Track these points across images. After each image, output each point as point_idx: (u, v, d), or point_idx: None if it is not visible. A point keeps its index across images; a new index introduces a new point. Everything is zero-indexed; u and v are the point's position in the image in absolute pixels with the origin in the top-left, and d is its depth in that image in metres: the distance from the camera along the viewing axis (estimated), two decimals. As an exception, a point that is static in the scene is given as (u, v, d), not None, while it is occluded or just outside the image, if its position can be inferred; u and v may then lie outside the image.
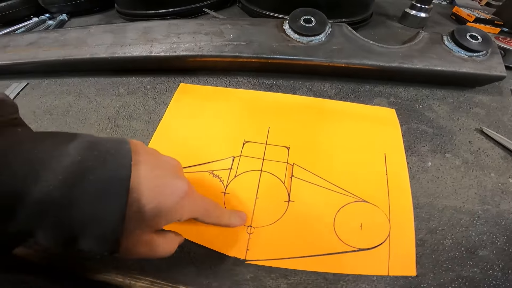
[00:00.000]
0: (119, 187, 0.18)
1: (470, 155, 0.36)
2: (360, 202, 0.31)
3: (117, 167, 0.18)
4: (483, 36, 0.42)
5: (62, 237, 0.17)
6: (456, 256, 0.28)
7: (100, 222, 0.17)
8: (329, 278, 0.27)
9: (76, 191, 0.17)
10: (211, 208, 0.25)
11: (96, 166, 0.18)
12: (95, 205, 0.17)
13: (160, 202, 0.20)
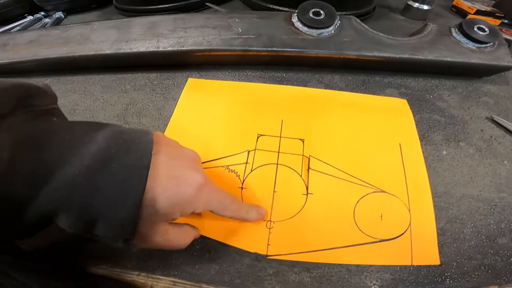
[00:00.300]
0: (139, 175, 0.19)
1: (483, 143, 0.36)
2: (379, 192, 0.31)
3: (139, 156, 0.19)
4: (490, 28, 0.42)
5: (82, 220, 0.18)
6: (477, 244, 0.28)
7: (119, 208, 0.18)
8: (352, 269, 0.27)
9: (99, 177, 0.18)
10: (227, 201, 0.25)
11: (120, 154, 0.19)
12: (115, 191, 0.18)
13: (176, 192, 0.20)
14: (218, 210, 0.25)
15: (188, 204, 0.21)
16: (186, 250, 0.27)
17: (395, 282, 0.26)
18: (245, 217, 0.28)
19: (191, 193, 0.21)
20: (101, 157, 0.18)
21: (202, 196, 0.22)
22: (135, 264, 0.27)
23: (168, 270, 0.26)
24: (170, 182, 0.20)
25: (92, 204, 0.18)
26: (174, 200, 0.20)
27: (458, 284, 0.26)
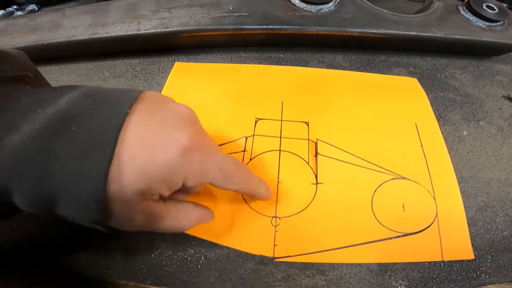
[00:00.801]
0: (104, 139, 0.15)
1: (503, 122, 0.33)
2: (399, 179, 0.27)
3: (108, 116, 0.15)
4: (499, 7, 0.40)
5: (38, 198, 0.15)
6: (511, 235, 0.25)
7: (80, 181, 0.14)
8: (373, 269, 0.23)
9: (54, 143, 0.14)
10: (232, 169, 0.20)
11: (84, 116, 0.15)
12: (74, 161, 0.14)
13: (149, 159, 0.16)
14: (219, 181, 0.20)
15: (170, 174, 0.17)
16: (179, 256, 0.23)
17: (424, 280, 0.23)
18: (255, 191, 0.23)
19: (171, 160, 0.16)
20: (58, 119, 0.14)
21: (191, 163, 0.17)
22: (121, 272, 0.23)
23: (160, 278, 0.23)
24: (141, 147, 0.15)
25: (47, 177, 0.14)
26: (145, 171, 0.16)
27: (494, 279, 0.23)
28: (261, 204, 0.25)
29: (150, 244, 0.24)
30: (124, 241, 0.24)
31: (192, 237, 0.24)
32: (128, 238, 0.24)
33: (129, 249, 0.23)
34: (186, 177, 0.17)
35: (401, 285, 0.23)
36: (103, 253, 0.23)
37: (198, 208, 0.21)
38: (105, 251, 0.23)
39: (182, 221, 0.20)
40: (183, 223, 0.20)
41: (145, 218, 0.17)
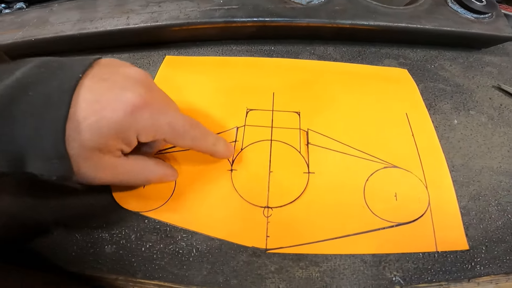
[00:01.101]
0: (58, 102, 0.16)
1: (493, 111, 0.33)
2: (390, 167, 0.27)
3: (62, 81, 0.17)
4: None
5: (8, 157, 0.16)
6: (504, 224, 0.25)
7: (41, 138, 0.16)
8: (367, 260, 0.23)
9: (14, 106, 0.16)
10: (184, 126, 0.21)
11: (39, 83, 0.16)
12: (35, 121, 0.16)
13: (99, 119, 0.17)
14: (171, 137, 0.21)
15: (121, 131, 0.18)
16: (170, 249, 0.23)
17: (418, 271, 0.23)
18: (212, 149, 0.23)
19: (119, 118, 0.17)
20: (15, 87, 0.16)
21: (141, 120, 0.18)
22: (111, 266, 0.22)
23: (151, 272, 0.22)
24: (90, 108, 0.17)
25: (13, 137, 0.16)
26: (97, 129, 0.17)
27: (490, 270, 0.23)
28: (252, 194, 0.25)
29: (140, 237, 0.23)
30: (113, 235, 0.23)
31: (183, 229, 0.24)
32: (117, 232, 0.23)
33: (119, 243, 0.23)
34: (138, 133, 0.19)
35: (395, 276, 0.22)
36: (91, 248, 0.23)
37: (160, 166, 0.23)
38: (94, 246, 0.23)
39: (144, 175, 0.22)
40: (145, 177, 0.22)
41: (109, 172, 0.19)
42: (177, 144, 0.22)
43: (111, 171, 0.19)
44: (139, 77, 0.20)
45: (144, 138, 0.19)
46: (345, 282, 0.22)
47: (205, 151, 0.24)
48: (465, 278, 0.23)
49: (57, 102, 0.16)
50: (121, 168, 0.20)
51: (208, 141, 0.23)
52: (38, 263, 0.22)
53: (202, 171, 0.26)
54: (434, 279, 0.22)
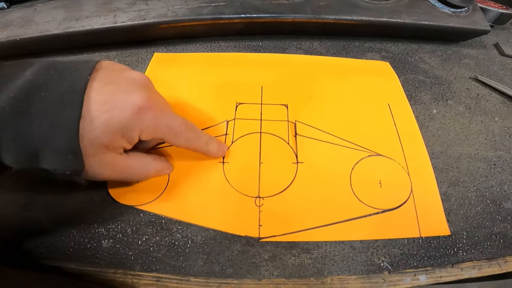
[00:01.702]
0: (72, 101, 0.17)
1: (471, 101, 0.34)
2: (374, 156, 0.28)
3: (72, 83, 0.18)
4: (464, -7, 0.41)
5: (23, 153, 0.17)
6: (484, 210, 0.26)
7: (57, 136, 0.17)
8: (356, 246, 0.23)
9: (29, 106, 0.17)
10: (180, 127, 0.23)
11: (49, 83, 0.17)
12: (50, 119, 0.17)
13: (108, 118, 0.18)
14: (169, 137, 0.22)
15: (127, 130, 0.19)
16: (166, 241, 0.23)
17: (405, 256, 0.23)
18: (204, 149, 0.25)
19: (127, 118, 0.19)
20: (28, 88, 0.17)
21: (144, 119, 0.20)
22: (109, 261, 0.22)
23: (148, 264, 0.22)
24: (101, 108, 0.18)
25: (28, 134, 0.17)
26: (107, 127, 0.18)
27: (472, 256, 0.24)
28: (244, 185, 0.25)
29: (136, 231, 0.23)
30: (109, 229, 0.23)
31: (178, 221, 0.24)
32: (114, 227, 0.23)
33: (115, 237, 0.23)
34: (141, 131, 0.20)
35: (383, 262, 0.23)
36: (89, 243, 0.23)
37: (157, 161, 0.24)
38: (91, 241, 0.23)
39: (142, 170, 0.23)
40: (144, 172, 0.23)
41: (111, 168, 0.20)
42: (172, 143, 0.23)
43: (113, 167, 0.20)
44: (141, 81, 0.21)
45: (145, 136, 0.21)
46: (336, 268, 0.23)
47: (199, 151, 0.25)
48: (449, 264, 0.23)
49: (70, 102, 0.17)
50: (122, 164, 0.21)
51: (201, 141, 0.25)
52: (34, 262, 0.22)
53: (195, 164, 0.26)
54: (420, 265, 0.23)
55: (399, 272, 0.23)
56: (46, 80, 0.17)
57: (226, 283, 0.22)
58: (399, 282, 0.22)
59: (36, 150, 0.17)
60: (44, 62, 0.19)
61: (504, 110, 0.34)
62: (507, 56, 0.43)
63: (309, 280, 0.22)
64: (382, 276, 0.23)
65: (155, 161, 0.24)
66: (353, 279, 0.22)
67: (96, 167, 0.19)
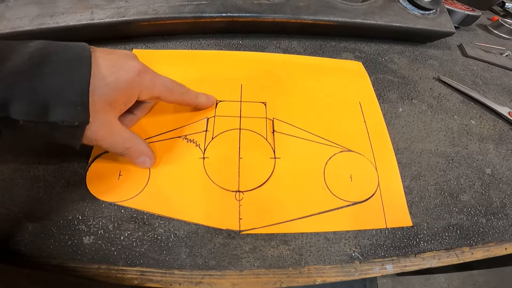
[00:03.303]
0: (83, 61, 0.19)
1: (433, 100, 0.36)
2: (346, 151, 0.28)
3: (78, 51, 0.20)
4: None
5: (35, 105, 0.18)
6: (441, 202, 0.27)
7: (69, 89, 0.18)
8: (330, 237, 0.24)
9: (44, 64, 0.18)
10: (172, 85, 0.25)
11: (58, 51, 0.19)
12: (63, 76, 0.18)
13: (116, 78, 0.21)
14: (164, 94, 0.25)
15: (130, 88, 0.22)
16: (149, 236, 0.23)
17: (373, 247, 0.24)
18: (195, 101, 0.28)
19: (131, 78, 0.22)
20: (40, 53, 0.18)
21: (144, 80, 0.23)
22: (91, 257, 0.22)
23: (131, 259, 0.22)
24: (109, 70, 0.21)
25: (42, 87, 0.18)
26: (115, 85, 0.21)
27: (432, 246, 0.25)
28: (224, 179, 0.26)
29: (118, 227, 0.23)
30: (90, 226, 0.23)
31: (160, 216, 0.24)
32: (95, 223, 0.23)
33: (97, 233, 0.23)
34: (141, 91, 0.23)
35: (354, 252, 0.24)
36: (69, 240, 0.22)
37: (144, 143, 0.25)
38: (71, 238, 0.22)
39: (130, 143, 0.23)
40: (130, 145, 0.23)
41: (108, 129, 0.21)
42: (168, 99, 0.25)
43: (109, 128, 0.22)
44: (132, 54, 0.24)
45: (144, 96, 0.23)
46: (312, 258, 0.23)
47: (191, 103, 0.28)
48: (412, 254, 0.24)
49: (81, 64, 0.19)
50: (116, 129, 0.22)
51: (192, 94, 0.27)
52: (16, 260, 0.21)
53: (175, 160, 0.26)
54: (387, 255, 0.24)
55: (368, 261, 0.24)
56: (53, 50, 0.19)
57: (210, 275, 0.22)
58: (369, 271, 0.23)
59: (47, 102, 0.18)
60: (41, 41, 0.20)
61: (463, 109, 0.35)
62: (469, 57, 0.45)
63: (288, 270, 0.23)
64: (354, 266, 0.23)
65: (142, 142, 0.25)
66: (328, 268, 0.23)
67: (97, 123, 0.20)
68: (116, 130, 0.22)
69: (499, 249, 0.26)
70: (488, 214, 0.28)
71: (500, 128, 0.35)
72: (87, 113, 0.19)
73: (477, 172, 0.30)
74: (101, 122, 0.21)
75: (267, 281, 0.22)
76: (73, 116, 0.18)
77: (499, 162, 0.31)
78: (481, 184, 0.29)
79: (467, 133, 0.33)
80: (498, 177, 0.30)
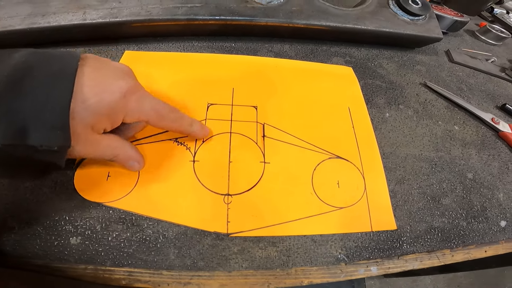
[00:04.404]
0: (65, 78, 0.18)
1: (419, 105, 0.36)
2: (334, 158, 0.28)
3: (63, 66, 0.18)
4: (422, 2, 0.42)
5: (13, 128, 0.16)
6: (424, 206, 0.28)
7: (48, 111, 0.17)
8: (317, 239, 0.24)
9: (22, 83, 0.17)
10: (164, 110, 0.23)
11: (41, 65, 0.18)
12: (41, 96, 0.17)
13: (98, 100, 0.19)
14: (154, 119, 0.23)
15: (114, 112, 0.20)
16: (137, 237, 0.22)
17: (358, 249, 0.24)
18: (189, 130, 0.25)
19: (115, 101, 0.20)
20: (21, 67, 0.17)
21: (130, 102, 0.21)
22: (78, 257, 0.21)
23: (119, 260, 0.22)
24: (92, 91, 0.19)
25: (20, 109, 0.16)
26: (97, 108, 0.19)
27: (414, 248, 0.25)
28: (214, 183, 0.25)
29: (106, 227, 0.22)
30: (77, 226, 0.22)
31: (148, 218, 0.23)
32: (82, 224, 0.22)
33: (84, 234, 0.22)
34: (126, 114, 0.21)
35: (340, 254, 0.24)
36: (56, 240, 0.22)
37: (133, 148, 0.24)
38: (58, 238, 0.22)
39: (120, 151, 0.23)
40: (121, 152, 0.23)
41: (94, 147, 0.20)
42: (158, 125, 0.24)
43: (95, 145, 0.21)
44: (126, 70, 0.22)
45: (129, 119, 0.21)
46: (299, 260, 0.23)
47: (183, 132, 0.26)
48: (395, 256, 0.25)
49: (62, 82, 0.18)
50: (103, 143, 0.21)
51: (185, 121, 0.25)
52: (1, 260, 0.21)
53: (165, 162, 0.26)
54: (371, 257, 0.24)
55: (354, 263, 0.24)
56: (37, 63, 0.18)
57: (198, 276, 0.22)
58: (354, 273, 0.24)
59: (26, 125, 0.17)
60: (29, 50, 0.18)
61: (447, 114, 0.36)
62: (455, 63, 0.45)
63: (276, 272, 0.23)
64: (340, 267, 0.24)
65: (132, 148, 0.24)
66: (314, 270, 0.23)
67: (80, 145, 0.19)
68: (102, 144, 0.21)
69: (479, 251, 0.27)
70: (468, 218, 0.28)
71: (482, 134, 0.35)
72: (67, 137, 0.18)
73: (459, 177, 0.30)
74: (84, 143, 0.19)
75: (255, 282, 0.22)
76: (52, 141, 0.17)
77: (480, 167, 0.32)
78: (463, 188, 0.30)
79: (451, 138, 0.33)
80: (479, 181, 0.31)
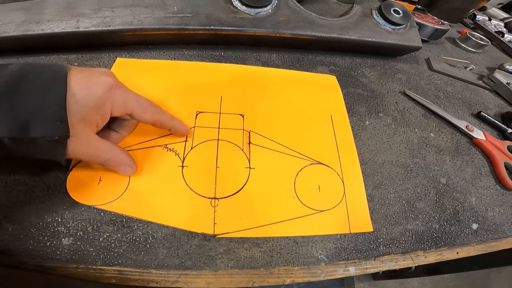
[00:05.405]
0: (58, 80, 0.20)
1: (397, 113, 0.37)
2: (315, 164, 0.30)
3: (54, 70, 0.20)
4: (403, 11, 0.43)
5: (16, 123, 0.18)
6: (399, 209, 0.29)
7: (47, 106, 0.19)
8: (299, 241, 0.25)
9: (21, 85, 0.19)
10: (145, 104, 0.25)
11: (35, 72, 0.20)
12: (40, 94, 0.19)
13: (89, 93, 0.21)
14: (137, 111, 0.24)
15: (102, 104, 0.22)
16: (127, 237, 0.23)
17: (338, 250, 0.25)
18: (170, 124, 0.27)
19: (101, 93, 0.21)
20: (17, 74, 0.19)
21: (115, 96, 0.22)
22: (70, 257, 0.22)
23: (110, 259, 0.22)
24: (79, 87, 0.21)
25: (21, 107, 0.18)
26: (85, 102, 0.21)
27: (390, 250, 0.26)
28: (201, 187, 0.26)
29: (97, 229, 0.23)
30: (69, 228, 0.23)
31: (138, 220, 0.24)
32: (74, 225, 0.23)
33: (76, 235, 0.22)
34: (113, 106, 0.22)
35: (321, 255, 0.25)
36: (48, 241, 0.22)
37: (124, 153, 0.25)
38: (50, 239, 0.22)
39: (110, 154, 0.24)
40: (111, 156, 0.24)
41: (86, 145, 0.22)
42: (141, 118, 0.25)
43: (87, 144, 0.22)
44: (107, 71, 0.24)
45: (116, 112, 0.23)
46: (282, 260, 0.24)
47: (165, 125, 0.27)
48: (372, 257, 0.26)
49: (56, 82, 0.20)
50: (94, 143, 0.22)
51: (167, 115, 0.26)
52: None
53: (155, 168, 0.27)
54: (350, 257, 0.25)
55: (333, 263, 0.25)
56: (30, 71, 0.20)
57: (186, 274, 0.22)
58: (333, 273, 0.25)
59: (28, 119, 0.18)
60: (19, 63, 0.21)
61: (424, 122, 0.37)
62: (434, 71, 0.46)
63: (259, 271, 0.24)
64: (320, 267, 0.24)
65: (122, 153, 0.25)
66: (296, 269, 0.24)
67: (74, 139, 0.20)
68: (94, 144, 0.23)
69: (451, 253, 0.28)
70: (441, 221, 0.29)
71: (457, 141, 0.37)
72: (66, 128, 0.20)
73: (433, 182, 0.32)
74: (78, 137, 0.21)
75: (240, 280, 0.23)
76: (53, 132, 0.19)
77: (454, 173, 0.33)
78: (436, 193, 0.31)
79: (426, 145, 0.35)
80: (452, 186, 0.32)
